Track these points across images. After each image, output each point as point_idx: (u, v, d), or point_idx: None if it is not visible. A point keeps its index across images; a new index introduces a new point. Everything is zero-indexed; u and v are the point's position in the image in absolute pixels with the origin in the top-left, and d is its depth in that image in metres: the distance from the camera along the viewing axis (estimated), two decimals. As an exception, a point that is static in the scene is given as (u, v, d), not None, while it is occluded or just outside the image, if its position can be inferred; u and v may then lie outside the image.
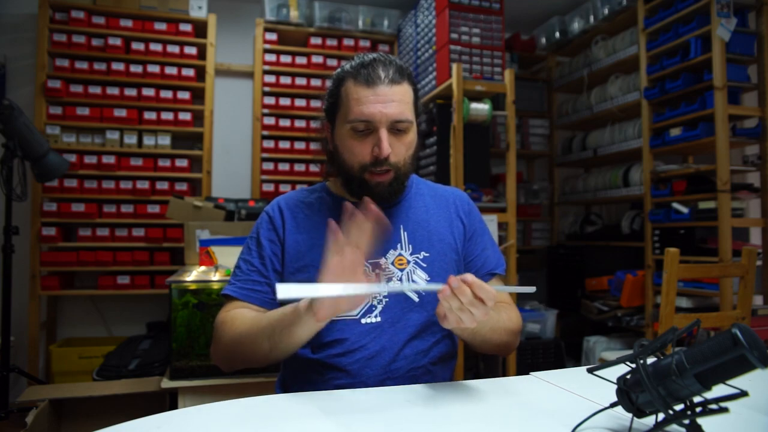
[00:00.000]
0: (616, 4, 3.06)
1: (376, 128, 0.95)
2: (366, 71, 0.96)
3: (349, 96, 0.97)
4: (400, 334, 0.98)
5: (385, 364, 0.95)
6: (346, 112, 0.97)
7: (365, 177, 0.98)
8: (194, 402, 1.77)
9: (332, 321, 0.97)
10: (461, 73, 2.50)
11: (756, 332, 0.53)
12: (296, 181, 3.35)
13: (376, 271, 1.01)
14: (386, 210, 1.04)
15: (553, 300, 3.48)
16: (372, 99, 0.94)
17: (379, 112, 0.94)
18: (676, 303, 1.65)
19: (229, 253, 2.12)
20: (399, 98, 0.96)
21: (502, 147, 2.74)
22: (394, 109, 0.95)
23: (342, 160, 1.01)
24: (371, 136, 0.96)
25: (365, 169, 0.98)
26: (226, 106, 3.38)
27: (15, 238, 2.40)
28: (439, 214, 1.09)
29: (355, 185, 1.01)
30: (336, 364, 0.95)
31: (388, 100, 0.95)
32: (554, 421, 0.69)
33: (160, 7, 3.12)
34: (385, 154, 0.95)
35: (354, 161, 0.98)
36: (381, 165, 0.96)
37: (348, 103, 0.97)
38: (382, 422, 0.69)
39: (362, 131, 0.96)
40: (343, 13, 3.45)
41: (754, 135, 2.52)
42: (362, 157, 0.97)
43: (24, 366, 2.69)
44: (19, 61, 3.06)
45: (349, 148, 0.98)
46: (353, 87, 0.96)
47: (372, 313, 0.99)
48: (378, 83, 0.95)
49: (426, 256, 1.03)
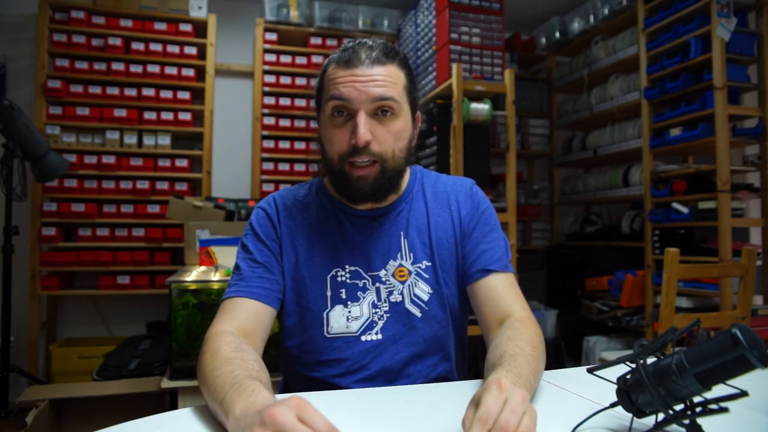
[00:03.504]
0: (616, 4, 3.06)
1: (354, 111, 0.86)
2: (347, 53, 0.88)
3: (328, 79, 0.89)
4: (402, 353, 0.92)
5: (387, 385, 0.91)
6: (325, 97, 0.89)
7: (345, 169, 0.88)
8: (194, 402, 1.77)
9: (331, 338, 0.92)
10: (461, 73, 2.50)
11: (756, 332, 0.53)
12: (296, 181, 3.35)
13: (376, 284, 0.94)
14: (385, 215, 0.97)
15: (553, 300, 3.48)
16: (350, 79, 0.85)
17: (356, 91, 0.85)
18: (676, 303, 1.65)
19: (229, 253, 2.12)
20: (382, 79, 0.86)
21: (502, 147, 2.74)
22: (374, 88, 0.85)
23: (325, 152, 0.92)
24: (350, 122, 0.87)
25: (344, 160, 0.88)
26: (226, 106, 3.38)
27: (15, 238, 2.40)
28: (439, 215, 1.00)
29: (335, 179, 0.91)
30: (337, 384, 0.91)
31: (367, 80, 0.85)
32: (554, 421, 0.69)
33: (160, 7, 3.12)
34: (362, 139, 0.84)
35: (333, 151, 0.89)
36: (360, 154, 0.86)
37: (327, 87, 0.89)
38: (382, 422, 0.69)
39: (340, 116, 0.87)
40: (343, 13, 3.45)
41: (754, 135, 2.52)
42: (340, 145, 0.87)
43: (24, 366, 2.69)
44: (19, 61, 3.06)
45: (328, 137, 0.89)
46: (333, 70, 0.89)
47: (373, 330, 0.92)
48: (357, 64, 0.86)
49: (428, 266, 0.96)
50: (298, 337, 0.95)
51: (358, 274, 0.95)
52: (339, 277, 0.94)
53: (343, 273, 0.94)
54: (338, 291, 0.93)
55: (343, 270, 0.95)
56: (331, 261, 0.95)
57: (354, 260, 0.95)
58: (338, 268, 0.95)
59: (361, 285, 0.94)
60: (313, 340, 0.93)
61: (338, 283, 0.94)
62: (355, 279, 0.94)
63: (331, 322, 0.92)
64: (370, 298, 0.94)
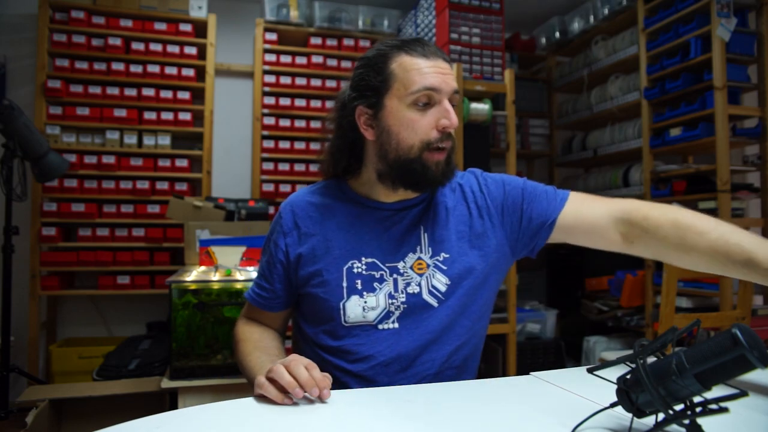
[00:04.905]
0: (616, 4, 3.06)
1: (438, 100, 0.92)
2: (419, 46, 0.94)
3: (407, 68, 0.92)
4: (418, 341, 0.94)
5: (400, 371, 0.93)
6: (405, 85, 0.91)
7: (423, 156, 0.93)
8: (194, 402, 1.77)
9: (349, 326, 0.95)
10: (461, 73, 2.50)
11: (756, 332, 0.53)
12: (296, 181, 3.35)
13: (393, 276, 0.96)
14: (407, 209, 1.01)
15: (553, 300, 3.47)
16: (435, 69, 0.92)
17: (444, 82, 0.92)
18: (676, 303, 1.65)
19: (229, 253, 2.12)
20: (452, 73, 0.96)
21: (502, 147, 2.74)
22: (453, 80, 0.94)
23: (397, 141, 0.93)
24: (433, 110, 0.92)
25: (427, 147, 0.92)
26: (226, 106, 3.38)
27: (15, 238, 2.40)
28: (457, 208, 1.03)
29: (409, 165, 0.93)
30: (350, 370, 0.94)
31: (447, 72, 0.93)
32: (554, 421, 0.69)
33: (160, 7, 3.12)
34: (455, 123, 0.92)
35: (415, 139, 0.92)
36: (447, 138, 0.93)
37: (407, 75, 0.91)
38: (382, 421, 0.69)
39: (425, 104, 0.92)
40: (343, 13, 3.45)
41: (754, 135, 2.52)
42: (426, 132, 0.92)
43: (24, 366, 2.69)
44: (19, 61, 3.07)
45: (410, 124, 0.92)
46: (410, 60, 0.92)
47: (390, 319, 0.95)
48: (433, 56, 0.93)
49: (446, 258, 0.98)
50: (316, 326, 0.99)
51: (375, 265, 0.97)
52: (355, 268, 0.97)
53: (359, 265, 0.97)
54: (354, 282, 0.96)
55: (360, 262, 0.97)
56: (349, 253, 0.98)
57: (372, 252, 0.98)
58: (355, 260, 0.97)
59: (378, 276, 0.97)
60: (331, 328, 0.96)
61: (354, 275, 0.97)
62: (371, 270, 0.97)
63: (347, 311, 0.95)
64: (386, 289, 0.96)
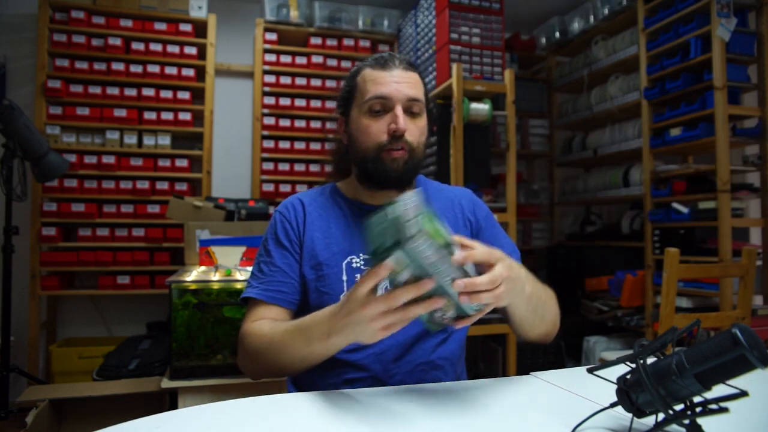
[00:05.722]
0: (616, 4, 3.06)
1: (391, 107, 0.99)
2: (381, 59, 1.03)
3: (365, 80, 1.02)
4: (411, 330, 0.97)
5: (395, 359, 0.97)
6: (362, 95, 1.01)
7: (381, 156, 1.00)
8: (194, 402, 1.77)
9: None
10: (461, 73, 2.50)
11: (756, 332, 0.53)
12: (296, 181, 3.35)
13: None
14: None
15: (553, 300, 3.47)
16: (388, 79, 0.99)
17: (395, 90, 0.99)
18: (676, 303, 1.65)
19: (229, 253, 2.12)
20: (413, 81, 1.01)
21: (502, 147, 2.74)
22: (409, 89, 1.00)
23: (358, 145, 1.03)
24: (387, 116, 1.00)
25: (381, 148, 0.99)
26: (226, 106, 3.38)
27: (15, 238, 2.40)
28: (446, 216, 1.09)
29: (368, 166, 1.01)
30: (346, 359, 0.97)
31: (403, 81, 1.00)
32: (554, 421, 0.69)
33: (160, 7, 3.12)
34: (402, 128, 0.98)
35: (370, 142, 1.00)
36: (397, 141, 0.98)
37: (365, 86, 1.01)
38: (382, 421, 0.69)
39: (378, 111, 1.00)
40: (343, 13, 3.45)
41: (754, 135, 2.52)
42: (378, 135, 1.00)
43: (24, 366, 2.69)
44: (19, 61, 3.07)
45: (365, 129, 1.01)
46: (369, 72, 1.02)
47: None
48: (393, 67, 1.01)
49: None
50: None
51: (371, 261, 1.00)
52: (354, 263, 1.02)
53: (357, 260, 1.02)
54: (353, 276, 1.01)
55: (358, 257, 1.03)
56: (347, 249, 1.03)
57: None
58: (353, 256, 1.03)
59: None
60: None
61: (353, 269, 1.02)
62: (368, 266, 1.01)
63: None
64: (383, 284, 0.98)
